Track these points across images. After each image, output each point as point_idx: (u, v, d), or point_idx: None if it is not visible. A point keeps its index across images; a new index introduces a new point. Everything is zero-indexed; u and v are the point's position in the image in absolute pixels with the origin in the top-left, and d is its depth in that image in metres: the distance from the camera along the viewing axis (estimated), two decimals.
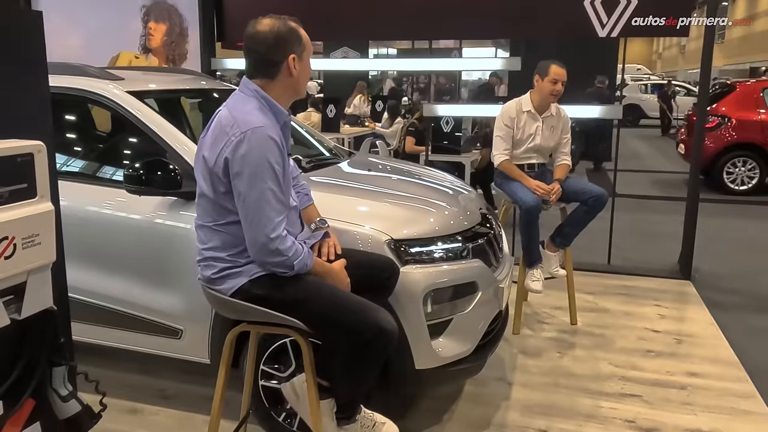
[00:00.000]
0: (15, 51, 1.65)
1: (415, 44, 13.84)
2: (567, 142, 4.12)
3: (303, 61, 2.08)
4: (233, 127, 1.93)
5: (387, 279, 2.32)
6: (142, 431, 2.87)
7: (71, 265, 2.92)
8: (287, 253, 1.93)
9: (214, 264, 2.03)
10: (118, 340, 2.93)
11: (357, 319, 1.96)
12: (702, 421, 3.02)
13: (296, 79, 2.07)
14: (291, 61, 2.03)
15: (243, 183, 1.90)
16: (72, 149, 3.18)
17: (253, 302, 2.00)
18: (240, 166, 1.90)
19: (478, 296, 2.74)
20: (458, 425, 2.97)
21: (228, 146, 1.91)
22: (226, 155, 1.91)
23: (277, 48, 2.01)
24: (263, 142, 1.90)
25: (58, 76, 3.06)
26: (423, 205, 2.90)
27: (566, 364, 3.59)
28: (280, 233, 1.91)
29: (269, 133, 1.92)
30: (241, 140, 1.90)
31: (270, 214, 1.90)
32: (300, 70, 2.07)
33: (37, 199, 1.59)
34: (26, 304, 1.59)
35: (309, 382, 2.06)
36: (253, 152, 1.89)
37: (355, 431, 2.21)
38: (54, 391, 1.78)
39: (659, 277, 5.10)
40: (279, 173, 1.93)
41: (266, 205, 1.89)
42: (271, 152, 1.91)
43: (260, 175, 1.89)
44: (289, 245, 1.93)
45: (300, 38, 2.06)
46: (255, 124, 1.92)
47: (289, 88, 2.08)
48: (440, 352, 2.61)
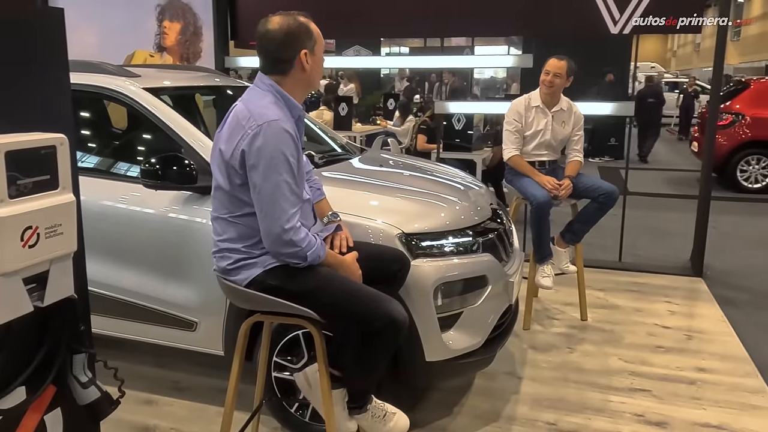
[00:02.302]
0: (38, 49, 1.70)
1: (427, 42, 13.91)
2: (579, 138, 4.13)
3: (315, 55, 2.11)
4: (249, 120, 1.98)
5: (398, 271, 2.36)
6: (157, 422, 2.92)
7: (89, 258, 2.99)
8: (300, 244, 1.97)
9: (229, 255, 2.07)
10: (134, 333, 2.99)
11: (368, 309, 2.00)
12: (711, 415, 3.03)
13: (309, 74, 2.11)
14: (303, 57, 2.07)
15: (258, 175, 1.94)
16: (90, 145, 3.24)
17: (267, 292, 2.05)
18: (256, 159, 1.94)
19: (488, 290, 2.78)
20: (468, 418, 3.00)
21: (244, 139, 1.96)
22: (243, 148, 1.96)
23: (288, 44, 2.05)
24: (278, 135, 1.95)
25: (77, 73, 3.13)
26: (434, 200, 2.94)
27: (576, 359, 3.62)
28: (294, 224, 1.95)
29: (284, 126, 1.97)
30: (257, 133, 1.95)
31: (284, 205, 1.94)
32: (313, 65, 2.11)
33: (59, 190, 1.64)
34: (48, 292, 1.64)
35: (321, 371, 2.10)
36: (268, 145, 1.94)
37: (366, 420, 2.25)
38: (74, 378, 1.83)
39: (670, 274, 5.10)
40: (294, 165, 1.98)
41: (281, 197, 1.94)
42: (286, 145, 1.96)
43: (275, 167, 1.93)
44: (302, 236, 1.98)
45: (310, 33, 2.10)
46: (270, 117, 1.97)
47: (303, 82, 2.12)
48: (450, 344, 2.64)
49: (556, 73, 3.90)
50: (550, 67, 3.91)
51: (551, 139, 4.03)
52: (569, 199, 4.07)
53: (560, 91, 4.00)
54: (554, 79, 3.91)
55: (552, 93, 3.96)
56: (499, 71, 18.71)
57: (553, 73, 3.90)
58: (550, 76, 3.91)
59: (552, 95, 3.98)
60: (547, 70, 3.92)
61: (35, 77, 1.70)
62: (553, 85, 3.92)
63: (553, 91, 3.95)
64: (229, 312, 2.72)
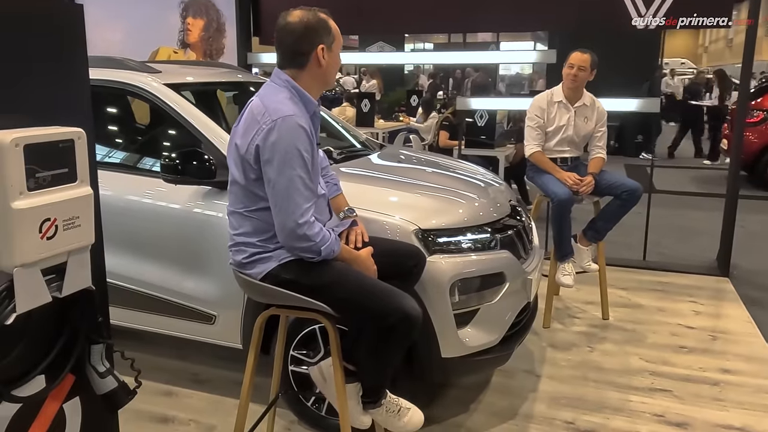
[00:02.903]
0: (58, 44, 1.73)
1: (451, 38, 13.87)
2: (602, 135, 4.07)
3: (332, 51, 2.12)
4: (264, 116, 1.99)
5: (413, 267, 2.36)
6: (176, 413, 2.96)
7: (111, 251, 3.04)
8: (315, 238, 1.98)
9: (244, 249, 2.09)
10: (155, 325, 3.04)
11: (382, 304, 2.00)
12: (733, 417, 2.98)
13: (325, 70, 2.12)
14: (320, 51, 2.07)
15: (273, 170, 1.96)
16: (113, 140, 3.30)
17: (282, 286, 2.06)
18: (270, 153, 1.95)
19: (506, 287, 2.76)
20: (484, 415, 2.99)
21: (259, 134, 1.97)
22: (258, 142, 1.97)
23: (306, 38, 2.06)
24: (293, 131, 1.96)
25: (100, 69, 3.20)
26: (452, 197, 2.93)
27: (596, 358, 3.58)
28: (308, 219, 1.96)
29: (299, 122, 1.98)
30: (272, 128, 1.96)
31: (298, 200, 1.95)
32: (329, 61, 2.11)
33: (77, 183, 1.66)
34: (66, 283, 1.67)
35: (335, 365, 2.11)
36: (283, 140, 1.95)
37: (380, 415, 2.25)
38: (92, 368, 1.86)
39: (696, 273, 5.01)
40: (308, 161, 1.98)
41: (295, 192, 1.95)
42: (301, 140, 1.96)
43: (289, 162, 1.94)
44: (316, 231, 1.98)
45: (329, 29, 2.10)
46: (285, 112, 1.98)
47: (319, 78, 2.13)
48: (467, 341, 2.64)
49: (580, 66, 3.85)
50: (574, 60, 3.86)
51: (574, 135, 3.98)
52: (591, 197, 4.02)
53: (584, 85, 3.95)
54: (579, 73, 3.86)
55: (576, 87, 3.91)
56: (525, 67, 18.56)
57: (577, 66, 3.85)
58: (575, 70, 3.86)
59: (575, 90, 3.93)
60: (571, 63, 3.87)
61: (55, 72, 1.73)
62: (577, 78, 3.88)
63: (577, 86, 3.90)
64: (247, 306, 2.75)
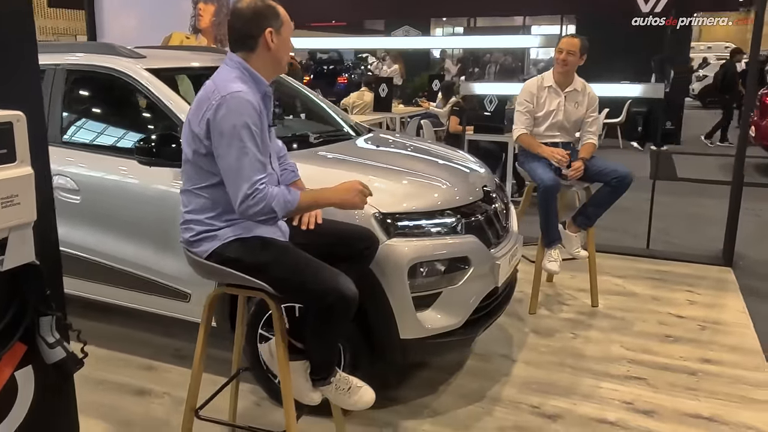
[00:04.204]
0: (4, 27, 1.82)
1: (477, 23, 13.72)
2: (594, 120, 4.04)
3: (282, 35, 2.17)
4: (214, 93, 2.07)
5: (365, 249, 2.40)
6: (153, 386, 3.09)
7: (93, 229, 3.17)
8: (264, 198, 2.01)
9: (192, 227, 2.17)
10: (135, 301, 3.16)
11: (319, 284, 2.05)
12: (704, 406, 2.95)
13: (275, 53, 2.17)
14: (268, 35, 2.13)
15: (223, 144, 2.03)
16: (96, 122, 3.42)
17: (226, 265, 2.13)
18: (220, 128, 2.03)
19: (470, 271, 2.78)
20: (452, 397, 3.03)
21: (209, 110, 2.05)
22: (208, 117, 2.05)
23: (255, 22, 2.13)
24: (241, 106, 2.03)
25: (90, 55, 3.33)
26: (419, 181, 2.96)
27: (577, 345, 3.57)
28: (258, 186, 2.02)
29: (247, 98, 2.05)
30: (221, 104, 2.04)
31: (248, 172, 2.01)
32: (278, 44, 2.16)
33: (16, 163, 1.76)
34: (7, 257, 1.77)
35: (278, 342, 2.18)
36: (231, 114, 2.02)
37: (330, 392, 2.31)
38: (42, 338, 1.97)
39: (699, 263, 4.91)
40: (257, 134, 2.05)
41: (245, 164, 2.01)
42: (249, 115, 2.03)
43: (238, 135, 2.01)
44: (265, 192, 2.02)
45: (278, 14, 2.16)
46: (234, 89, 2.06)
47: (269, 61, 2.18)
48: (426, 323, 2.67)
49: (569, 51, 3.83)
50: (564, 45, 3.85)
51: (564, 120, 3.95)
52: (581, 182, 4.00)
53: (574, 70, 3.92)
54: (568, 57, 3.84)
55: (566, 72, 3.89)
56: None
57: (566, 51, 3.83)
58: (564, 54, 3.84)
59: (566, 75, 3.91)
60: (561, 48, 3.86)
61: (2, 55, 1.82)
62: (567, 63, 3.86)
63: (567, 70, 3.88)
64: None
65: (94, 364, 3.31)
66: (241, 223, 2.14)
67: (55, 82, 3.26)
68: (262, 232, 2.16)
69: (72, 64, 3.28)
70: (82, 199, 3.13)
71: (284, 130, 3.52)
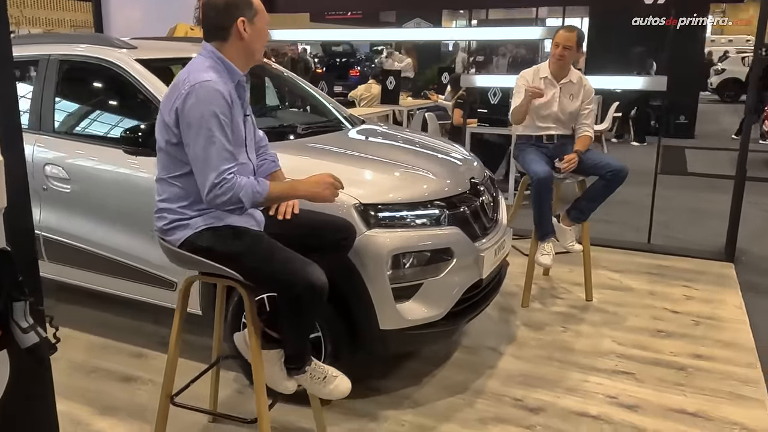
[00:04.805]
0: None
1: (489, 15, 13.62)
2: (589, 113, 4.00)
3: (255, 25, 2.17)
4: (185, 82, 2.08)
5: (342, 240, 2.40)
6: (140, 373, 3.13)
7: (84, 217, 3.21)
8: (231, 189, 2.02)
9: (165, 216, 2.19)
10: (124, 289, 3.20)
11: (288, 275, 2.06)
12: (689, 402, 2.92)
13: (248, 43, 2.17)
14: (240, 24, 2.14)
15: (191, 133, 2.04)
16: (86, 112, 3.46)
17: (198, 253, 2.15)
18: (188, 117, 2.04)
19: (453, 263, 2.78)
20: (435, 388, 3.03)
21: (179, 99, 2.07)
22: (177, 106, 2.07)
23: (227, 12, 2.14)
24: (210, 95, 2.04)
25: (82, 45, 3.36)
26: (403, 173, 2.96)
27: (566, 339, 3.55)
28: (225, 176, 2.03)
29: (216, 87, 2.05)
30: (189, 93, 2.05)
31: (216, 161, 2.02)
32: (252, 34, 2.17)
33: None
34: None
35: (250, 331, 2.19)
36: (200, 103, 2.03)
37: (305, 381, 2.33)
38: (15, 323, 2.00)
39: (700, 258, 4.85)
40: (225, 124, 2.05)
41: (212, 153, 2.02)
42: (217, 104, 2.04)
43: (206, 124, 2.02)
44: (233, 182, 2.03)
45: (250, 4, 2.16)
46: (203, 78, 2.06)
47: (242, 51, 2.19)
48: (406, 314, 2.67)
49: (565, 45, 3.79)
50: (560, 39, 3.81)
51: (559, 112, 3.92)
52: (576, 175, 3.96)
53: (570, 62, 3.88)
54: (564, 51, 3.81)
55: (562, 65, 3.86)
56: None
57: (562, 45, 3.80)
58: (560, 49, 3.81)
59: (561, 67, 3.87)
60: (557, 42, 3.82)
61: None
62: (563, 57, 3.82)
63: (562, 64, 3.85)
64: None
65: (89, 352, 3.39)
66: (213, 213, 2.15)
67: (48, 73, 3.30)
68: (235, 221, 2.17)
69: (64, 55, 3.31)
70: (73, 189, 3.17)
71: (274, 121, 3.54)
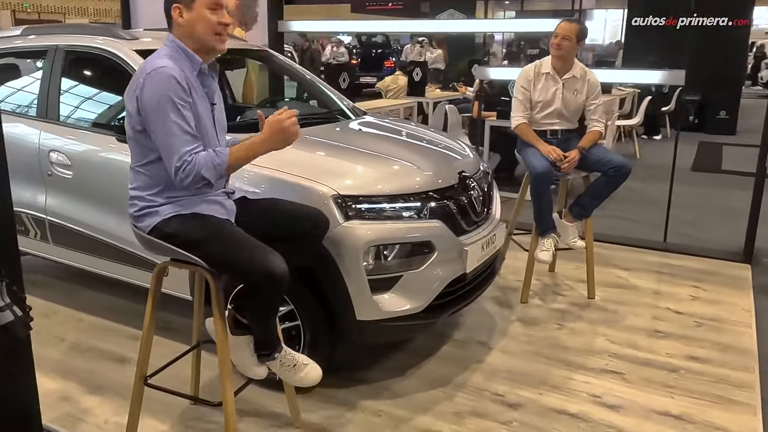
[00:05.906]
0: None
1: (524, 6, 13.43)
2: (596, 107, 3.93)
3: (193, 10, 2.17)
4: (142, 71, 2.15)
5: (312, 230, 2.42)
6: (134, 355, 3.17)
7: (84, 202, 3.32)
8: (194, 167, 2.07)
9: (136, 203, 2.26)
10: (118, 273, 3.31)
11: (248, 262, 2.10)
12: (675, 404, 2.86)
13: (187, 28, 2.18)
14: (174, 11, 2.18)
15: (152, 119, 2.11)
16: (87, 100, 3.57)
17: (165, 240, 2.22)
18: (147, 104, 2.10)
19: (434, 257, 2.78)
20: (417, 381, 3.04)
21: (138, 88, 2.14)
22: (137, 94, 2.14)
23: (166, 2, 2.20)
24: (164, 81, 2.09)
25: (86, 36, 3.48)
26: (388, 165, 2.97)
27: (560, 336, 3.51)
28: (186, 158, 2.07)
29: (171, 73, 2.10)
30: (145, 80, 2.12)
31: (177, 145, 2.08)
32: (190, 20, 2.17)
33: None
34: None
35: (216, 317, 2.25)
36: (156, 90, 2.09)
37: (275, 367, 2.37)
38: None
39: (716, 258, 4.71)
40: (182, 107, 2.10)
41: (172, 137, 2.08)
42: (172, 89, 2.09)
43: (163, 109, 2.08)
44: (193, 161, 2.07)
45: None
46: (158, 65, 2.12)
47: (187, 37, 2.20)
48: (383, 306, 2.69)
49: (564, 36, 3.73)
50: (560, 30, 3.75)
51: (562, 107, 3.86)
52: (579, 172, 3.91)
53: (570, 56, 3.82)
54: (562, 42, 3.75)
55: (562, 58, 3.80)
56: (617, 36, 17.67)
57: (561, 36, 3.74)
58: (558, 39, 3.75)
59: (563, 61, 3.81)
60: (556, 33, 3.77)
61: None
62: (561, 48, 3.76)
63: (562, 55, 3.79)
64: None
65: (89, 332, 3.51)
66: (182, 201, 2.21)
67: (55, 63, 3.42)
68: (202, 209, 2.23)
69: (69, 45, 3.43)
70: (74, 175, 3.29)
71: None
